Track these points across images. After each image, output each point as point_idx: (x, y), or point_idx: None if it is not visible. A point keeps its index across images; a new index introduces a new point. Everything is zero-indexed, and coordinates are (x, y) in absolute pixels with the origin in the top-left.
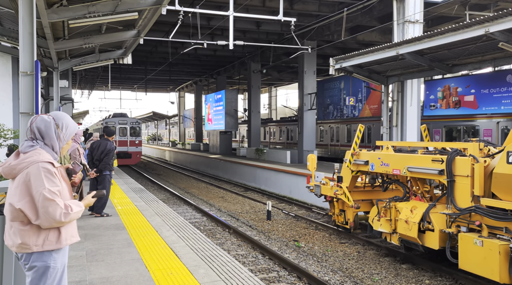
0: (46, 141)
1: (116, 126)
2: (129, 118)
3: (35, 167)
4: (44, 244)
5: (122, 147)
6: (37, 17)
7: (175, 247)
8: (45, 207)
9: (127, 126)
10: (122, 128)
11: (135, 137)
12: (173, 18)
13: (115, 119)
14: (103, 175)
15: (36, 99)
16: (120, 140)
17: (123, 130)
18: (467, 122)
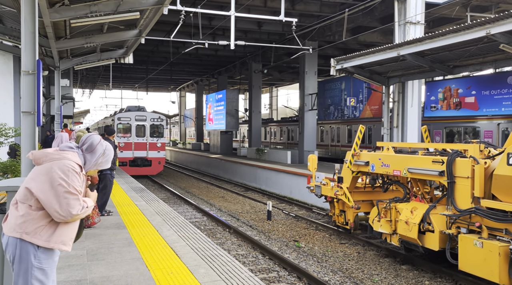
0: (87, 154)
1: (131, 123)
2: (149, 112)
3: (65, 163)
4: (34, 236)
5: (139, 151)
6: (39, 16)
7: (176, 246)
8: (67, 199)
9: (146, 123)
10: (140, 126)
11: (157, 139)
12: (174, 17)
13: (131, 114)
14: (104, 174)
15: (38, 98)
16: (137, 143)
17: (141, 129)
18: (467, 123)
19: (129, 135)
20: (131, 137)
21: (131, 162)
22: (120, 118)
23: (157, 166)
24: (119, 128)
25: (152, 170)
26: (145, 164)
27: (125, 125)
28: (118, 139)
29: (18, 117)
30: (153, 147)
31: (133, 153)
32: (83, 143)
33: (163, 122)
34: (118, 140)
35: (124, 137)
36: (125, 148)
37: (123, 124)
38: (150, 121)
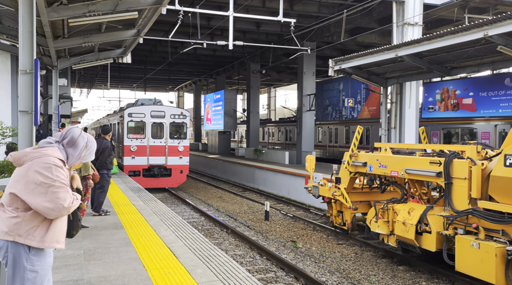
0: (69, 149)
1: (146, 120)
2: (168, 107)
3: (46, 160)
4: (27, 238)
5: (156, 157)
6: (37, 16)
7: (173, 246)
8: (55, 193)
9: (165, 120)
10: (157, 124)
11: (179, 141)
12: (173, 17)
13: (145, 109)
14: (100, 174)
15: (36, 98)
16: (153, 146)
17: (158, 128)
18: (465, 124)
19: (142, 136)
20: (145, 139)
21: (146, 171)
22: (132, 114)
23: (179, 176)
24: (130, 127)
25: (172, 181)
26: (164, 173)
27: (137, 123)
28: (129, 141)
29: (16, 116)
30: (173, 152)
31: (147, 159)
32: (63, 137)
33: (187, 119)
34: (128, 143)
35: (135, 139)
36: (137, 153)
37: (135, 121)
38: (170, 118)
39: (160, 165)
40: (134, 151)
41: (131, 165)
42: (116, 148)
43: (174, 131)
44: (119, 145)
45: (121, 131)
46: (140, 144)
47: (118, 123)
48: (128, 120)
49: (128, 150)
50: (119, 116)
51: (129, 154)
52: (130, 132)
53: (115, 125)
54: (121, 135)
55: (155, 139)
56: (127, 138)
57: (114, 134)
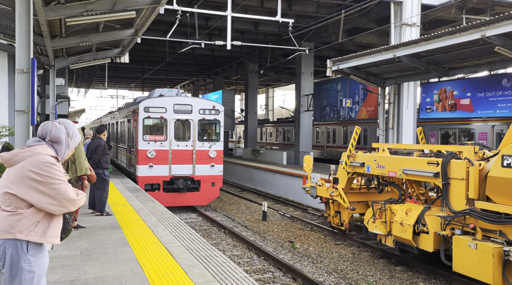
0: (55, 145)
1: (167, 116)
2: (195, 99)
3: (38, 158)
4: (29, 234)
5: (181, 166)
6: (34, 15)
7: (170, 247)
8: (57, 189)
9: (193, 117)
10: (182, 122)
11: (210, 144)
12: (171, 17)
13: (166, 101)
14: (96, 173)
15: (32, 97)
16: (176, 151)
17: (183, 128)
18: (462, 125)
19: (162, 137)
20: (166, 141)
21: (167, 184)
22: (149, 108)
23: (210, 191)
24: (146, 126)
25: (201, 197)
26: (190, 187)
27: (156, 121)
28: (145, 145)
29: (12, 115)
30: (203, 159)
31: (169, 169)
32: (44, 136)
33: (220, 115)
34: (144, 147)
35: (154, 142)
36: (156, 161)
37: (154, 118)
38: (198, 113)
39: (185, 176)
40: (151, 158)
41: (148, 177)
42: (128, 154)
43: (204, 131)
44: (130, 149)
45: (133, 131)
46: (160, 149)
47: (128, 121)
48: (143, 117)
49: (143, 156)
50: (130, 112)
51: (145, 161)
52: (146, 133)
53: (122, 124)
54: (133, 136)
55: (180, 141)
56: (142, 140)
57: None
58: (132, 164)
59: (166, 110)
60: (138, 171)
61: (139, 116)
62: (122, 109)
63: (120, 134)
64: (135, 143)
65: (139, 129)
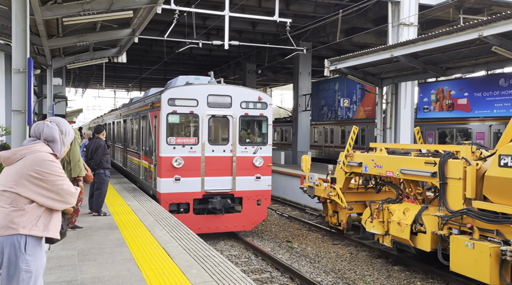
0: (50, 143)
1: (199, 111)
2: (236, 88)
3: (40, 155)
4: (32, 229)
5: (216, 178)
6: (30, 14)
7: (168, 247)
8: (59, 185)
9: (232, 112)
10: (218, 119)
11: (256, 148)
12: (168, 17)
13: (198, 91)
14: (97, 173)
15: (29, 97)
16: (211, 158)
17: (219, 127)
18: (460, 125)
19: (192, 140)
20: (198, 145)
21: (199, 203)
22: (175, 99)
23: (255, 211)
24: (171, 125)
25: (244, 219)
26: (230, 207)
27: (184, 118)
28: (169, 150)
29: (9, 115)
30: (246, 168)
31: (202, 182)
32: (38, 136)
33: (268, 110)
34: (168, 153)
35: (182, 146)
36: (184, 172)
37: (182, 114)
38: (240, 107)
39: (223, 193)
40: (178, 168)
41: (174, 194)
42: (141, 161)
43: (247, 131)
44: (147, 156)
45: (150, 132)
46: (190, 156)
47: (143, 118)
48: (168, 112)
49: (167, 166)
50: (147, 106)
51: (170, 173)
52: (171, 134)
53: (131, 122)
54: (150, 138)
55: (215, 145)
56: (166, 144)
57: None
58: (149, 175)
59: (197, 103)
60: (160, 186)
61: (162, 111)
62: (131, 104)
63: (129, 135)
64: (154, 147)
65: (162, 129)
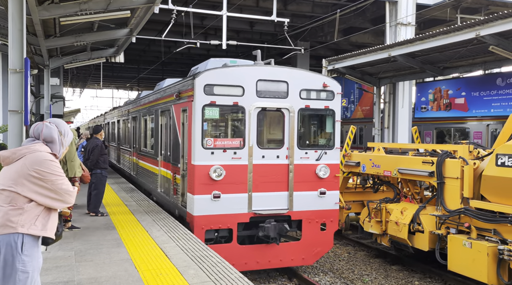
0: (49, 144)
1: (246, 104)
2: (294, 72)
3: (40, 155)
4: (30, 228)
5: (267, 193)
6: (27, 14)
7: (165, 247)
8: (59, 184)
9: (288, 104)
10: (269, 114)
11: (319, 152)
12: (166, 17)
13: (244, 75)
14: (94, 173)
15: (26, 97)
16: (261, 167)
17: (271, 124)
18: (457, 124)
19: (236, 142)
20: (244, 149)
21: (244, 228)
22: (214, 86)
23: (318, 239)
24: (208, 119)
25: (304, 250)
26: (285, 233)
27: (225, 111)
28: (205, 155)
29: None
30: (307, 180)
31: (249, 200)
32: (37, 136)
33: (335, 101)
34: (204, 160)
35: (222, 151)
36: (224, 186)
37: (222, 106)
38: (299, 97)
39: (277, 214)
40: (218, 181)
41: (211, 217)
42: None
43: (308, 129)
44: (173, 163)
45: (177, 131)
46: (233, 163)
47: (162, 114)
48: (204, 103)
49: (203, 177)
50: (171, 97)
51: (207, 187)
52: (208, 134)
53: (143, 120)
54: (176, 139)
55: (266, 149)
56: (201, 147)
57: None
58: (174, 189)
59: (243, 92)
60: (193, 206)
61: (196, 103)
62: (143, 98)
63: (140, 136)
64: (183, 152)
65: (195, 127)
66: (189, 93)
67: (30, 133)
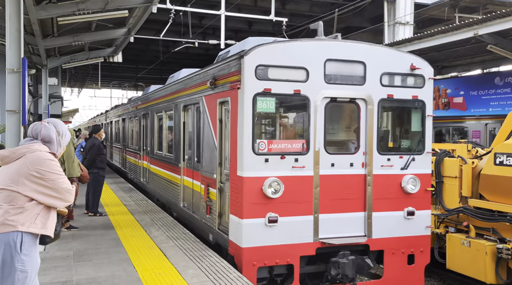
0: (47, 144)
1: (310, 93)
2: (373, 48)
3: (40, 154)
4: (30, 226)
5: (335, 215)
6: (25, 14)
7: (164, 247)
8: (59, 183)
9: (367, 92)
10: (340, 103)
11: (407, 157)
12: (164, 16)
13: (308, 51)
14: (90, 173)
15: (23, 97)
16: (329, 179)
17: (340, 118)
18: (456, 123)
19: (298, 145)
20: (308, 154)
21: (308, 263)
22: (268, 67)
23: (404, 275)
24: (261, 114)
25: None
26: (367, 271)
27: (282, 102)
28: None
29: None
30: (389, 195)
31: (315, 224)
32: (35, 136)
33: (426, 89)
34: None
35: (278, 156)
36: (282, 206)
37: (279, 94)
38: (380, 84)
39: (352, 243)
40: (274, 199)
41: (266, 248)
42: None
43: (392, 127)
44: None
45: (211, 131)
46: (294, 174)
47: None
48: (256, 91)
49: (254, 194)
50: (207, 84)
51: (260, 208)
52: (259, 135)
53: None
54: (210, 142)
55: (336, 154)
56: (252, 152)
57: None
58: (207, 207)
59: (307, 75)
60: (241, 235)
61: (245, 90)
62: (158, 91)
63: (153, 137)
64: (222, 159)
65: (244, 125)
66: (233, 78)
67: (28, 133)
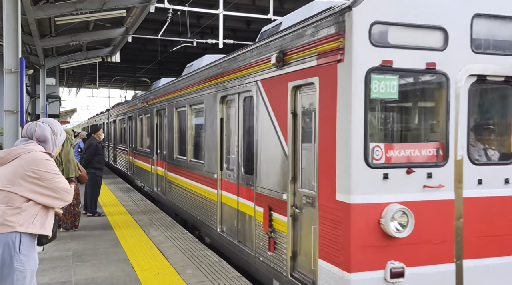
0: (42, 143)
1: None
2: None
3: (35, 154)
4: (29, 227)
5: (483, 259)
6: (22, 14)
7: (163, 247)
8: (56, 183)
9: None
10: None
11: None
12: (162, 16)
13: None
14: (87, 173)
15: (21, 97)
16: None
17: (479, 107)
18: None
19: (430, 151)
20: (447, 165)
21: None
22: (388, 25)
23: None
24: (375, 100)
25: None
26: None
27: (406, 81)
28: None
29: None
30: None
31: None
32: (30, 136)
33: None
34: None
35: (403, 168)
36: (412, 249)
37: (403, 70)
38: None
39: None
40: (400, 239)
41: None
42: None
43: None
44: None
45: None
46: (426, 199)
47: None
48: (369, 66)
49: (368, 231)
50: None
51: (376, 253)
52: (374, 137)
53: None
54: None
55: (483, 164)
56: (365, 165)
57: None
58: (273, 243)
59: (445, 41)
60: None
61: (353, 64)
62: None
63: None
64: (297, 173)
65: (352, 119)
66: (325, 47)
67: (23, 133)
